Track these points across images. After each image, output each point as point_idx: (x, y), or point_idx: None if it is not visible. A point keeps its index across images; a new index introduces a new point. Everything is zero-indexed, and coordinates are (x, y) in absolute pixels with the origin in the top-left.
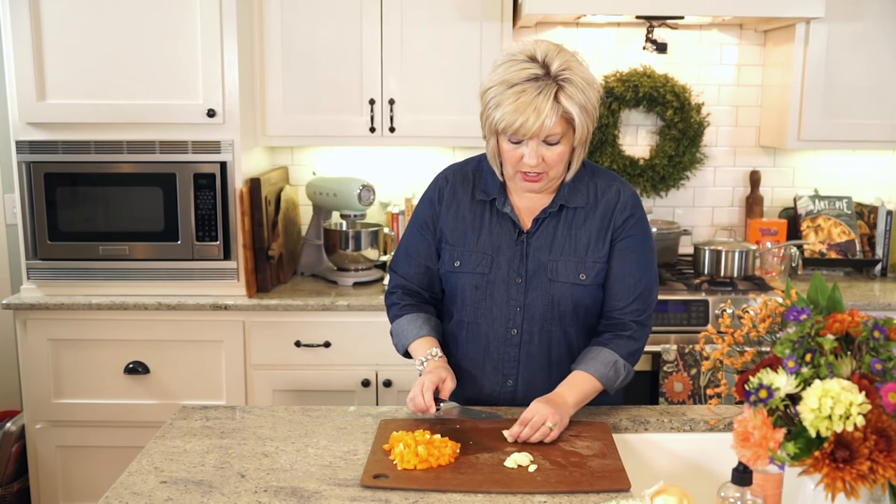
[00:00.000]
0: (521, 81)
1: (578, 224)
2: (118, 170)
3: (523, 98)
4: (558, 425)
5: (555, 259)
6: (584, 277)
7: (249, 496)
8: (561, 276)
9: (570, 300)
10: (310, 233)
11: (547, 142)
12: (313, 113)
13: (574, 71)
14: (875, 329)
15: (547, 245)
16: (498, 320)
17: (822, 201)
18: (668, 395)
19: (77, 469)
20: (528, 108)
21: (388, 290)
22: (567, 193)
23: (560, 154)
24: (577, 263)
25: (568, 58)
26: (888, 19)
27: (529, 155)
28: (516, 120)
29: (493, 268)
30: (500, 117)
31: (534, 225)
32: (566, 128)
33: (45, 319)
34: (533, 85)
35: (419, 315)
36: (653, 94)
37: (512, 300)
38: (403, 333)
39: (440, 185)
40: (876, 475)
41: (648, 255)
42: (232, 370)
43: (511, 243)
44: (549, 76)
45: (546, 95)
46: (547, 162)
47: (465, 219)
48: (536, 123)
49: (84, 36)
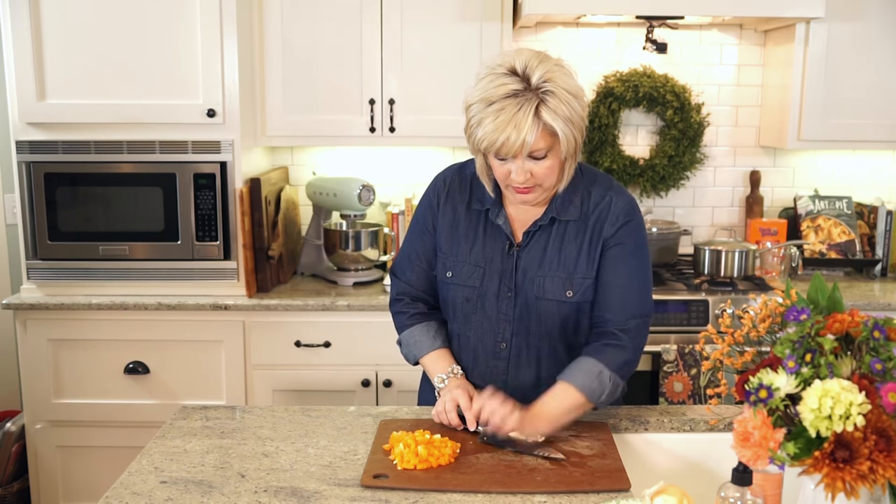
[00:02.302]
0: (499, 98)
1: (570, 238)
2: (118, 170)
3: (502, 116)
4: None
5: (543, 275)
6: (570, 294)
7: (249, 496)
8: (548, 293)
9: (558, 317)
10: (310, 233)
11: (533, 157)
12: (313, 113)
13: (556, 82)
14: (875, 329)
15: (537, 260)
16: (487, 333)
17: (822, 201)
18: (668, 395)
19: (77, 469)
20: (507, 127)
21: (394, 297)
22: (559, 206)
23: (549, 167)
24: (565, 280)
25: (549, 67)
26: (888, 19)
27: (516, 172)
28: (497, 139)
29: (485, 280)
30: (481, 136)
31: (525, 238)
32: (552, 141)
33: (45, 319)
34: (512, 102)
35: (431, 324)
36: (653, 94)
37: (502, 314)
38: (416, 344)
39: (438, 188)
40: (876, 475)
41: (640, 263)
42: (232, 370)
43: (503, 256)
44: (529, 89)
45: (526, 112)
46: (536, 176)
47: (458, 227)
48: (518, 142)
49: (84, 36)
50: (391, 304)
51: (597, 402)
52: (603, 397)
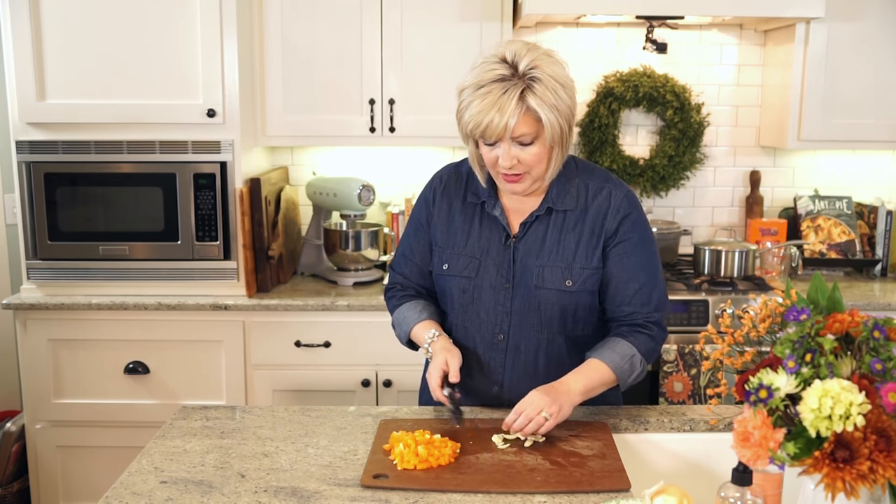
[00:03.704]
0: (488, 82)
1: (568, 228)
2: (118, 170)
3: (488, 99)
4: (556, 415)
5: (541, 265)
6: (570, 284)
7: (249, 496)
8: (547, 283)
9: (557, 307)
10: (310, 233)
11: (520, 142)
12: (313, 113)
13: (543, 69)
14: (875, 329)
15: (535, 250)
16: (485, 325)
17: (822, 201)
18: (668, 395)
19: (77, 469)
20: (492, 109)
21: (387, 286)
22: (555, 195)
23: (536, 155)
24: (564, 269)
25: (538, 55)
26: (888, 19)
27: (503, 156)
28: (482, 121)
29: (481, 271)
30: (467, 119)
31: (521, 229)
32: (538, 127)
33: (45, 319)
34: (499, 86)
35: (418, 301)
36: (653, 94)
37: (499, 305)
38: (405, 320)
39: (434, 185)
40: (876, 475)
41: (650, 255)
42: (232, 370)
43: (499, 247)
44: (516, 76)
45: (510, 95)
46: (523, 163)
47: (454, 220)
48: (500, 123)
49: (84, 36)
50: (385, 292)
51: (623, 384)
52: (630, 380)
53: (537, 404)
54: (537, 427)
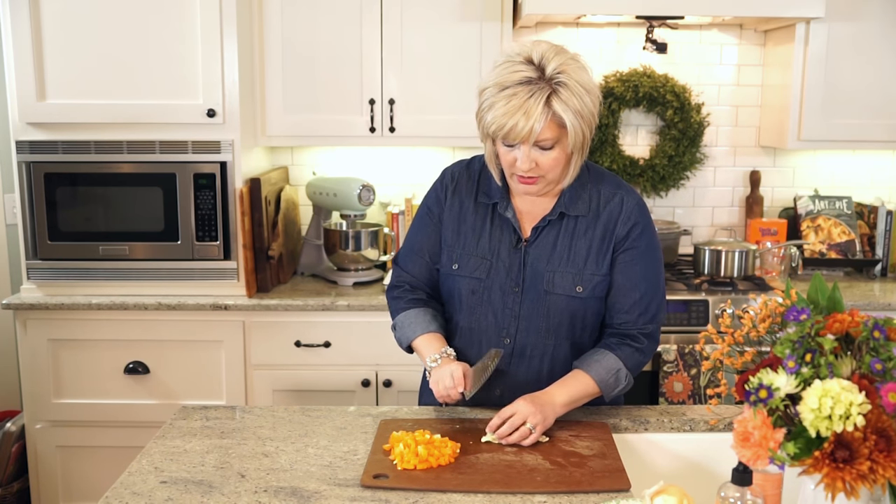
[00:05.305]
0: (513, 84)
1: (579, 234)
2: (118, 170)
3: (514, 101)
4: (539, 426)
5: (552, 270)
6: (580, 290)
7: (249, 496)
8: (557, 288)
9: (567, 312)
10: (310, 233)
11: (540, 146)
12: (313, 113)
13: (570, 74)
14: (875, 329)
15: (546, 255)
16: (492, 327)
17: (822, 201)
18: (668, 395)
19: (77, 469)
20: (517, 112)
21: (393, 284)
22: (568, 201)
23: (555, 159)
24: (575, 275)
25: (565, 60)
26: (888, 19)
27: (522, 159)
28: (506, 123)
29: (491, 273)
30: (490, 120)
31: (533, 234)
32: (560, 133)
33: (45, 319)
34: (525, 88)
35: (428, 310)
36: (653, 94)
37: (508, 308)
38: (411, 325)
39: (445, 181)
40: (876, 475)
41: (654, 266)
42: (232, 370)
43: (510, 250)
44: (542, 79)
45: (537, 99)
46: (541, 166)
47: (465, 220)
48: (526, 127)
49: (84, 36)
50: (389, 289)
51: (607, 396)
52: (613, 393)
53: (522, 413)
54: (521, 438)
